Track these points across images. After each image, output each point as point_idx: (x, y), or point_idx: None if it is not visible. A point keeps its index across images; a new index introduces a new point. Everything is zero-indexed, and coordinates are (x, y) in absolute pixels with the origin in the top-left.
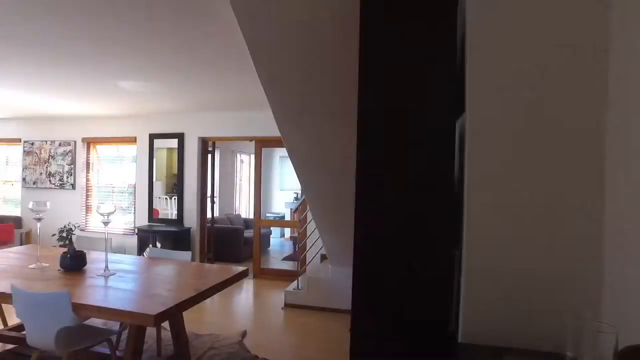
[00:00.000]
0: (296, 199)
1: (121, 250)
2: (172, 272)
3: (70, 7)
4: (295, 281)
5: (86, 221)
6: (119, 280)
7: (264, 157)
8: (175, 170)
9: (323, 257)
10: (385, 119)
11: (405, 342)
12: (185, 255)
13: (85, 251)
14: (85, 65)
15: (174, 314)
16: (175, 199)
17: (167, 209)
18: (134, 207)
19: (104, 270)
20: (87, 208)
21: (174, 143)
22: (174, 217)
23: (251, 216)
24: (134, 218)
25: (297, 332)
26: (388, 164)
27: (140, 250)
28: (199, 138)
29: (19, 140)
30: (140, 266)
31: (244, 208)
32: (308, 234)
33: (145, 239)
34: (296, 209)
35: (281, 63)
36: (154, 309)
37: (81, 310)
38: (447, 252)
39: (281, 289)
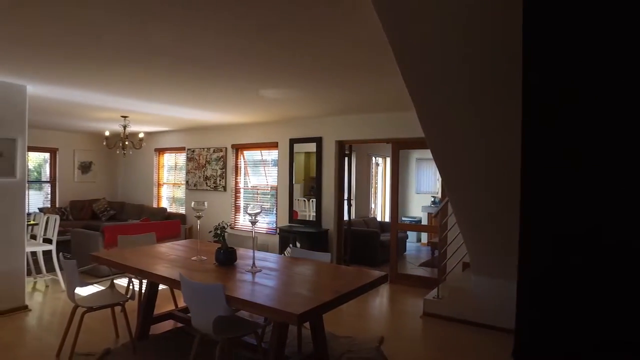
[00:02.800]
0: (434, 202)
1: (264, 248)
2: (312, 272)
3: (222, 27)
4: (435, 289)
5: (234, 220)
6: (265, 277)
7: (400, 160)
8: (312, 174)
9: (465, 266)
10: (562, 99)
11: None
12: (325, 256)
13: (235, 248)
14: (234, 78)
15: (315, 314)
16: (312, 201)
17: (305, 210)
18: (276, 208)
19: (252, 267)
20: (236, 208)
21: (312, 147)
22: (312, 218)
23: (386, 219)
24: (276, 218)
25: (437, 344)
26: (568, 154)
27: (282, 249)
28: (336, 141)
29: (183, 148)
30: (283, 265)
31: (379, 211)
32: (449, 240)
33: (286, 238)
34: (436, 214)
35: (432, 60)
36: (297, 308)
37: (233, 302)
38: None
39: (418, 297)
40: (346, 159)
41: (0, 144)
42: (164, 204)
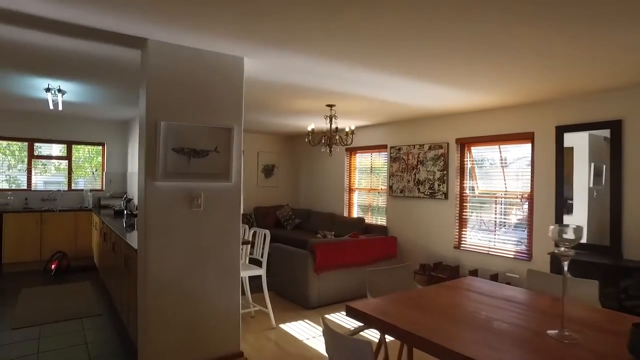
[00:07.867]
0: None
1: (513, 281)
2: None
3: None
4: None
5: (459, 239)
6: None
7: None
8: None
9: None
10: None
11: None
12: None
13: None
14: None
15: None
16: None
17: None
18: (530, 225)
19: None
20: (462, 222)
21: (591, 138)
22: (593, 242)
23: None
24: (529, 238)
25: None
26: None
27: None
28: None
29: (384, 146)
30: None
31: None
32: None
33: (554, 268)
34: None
35: None
36: None
37: None
38: None
39: None
40: None
41: (216, 135)
42: (355, 212)
